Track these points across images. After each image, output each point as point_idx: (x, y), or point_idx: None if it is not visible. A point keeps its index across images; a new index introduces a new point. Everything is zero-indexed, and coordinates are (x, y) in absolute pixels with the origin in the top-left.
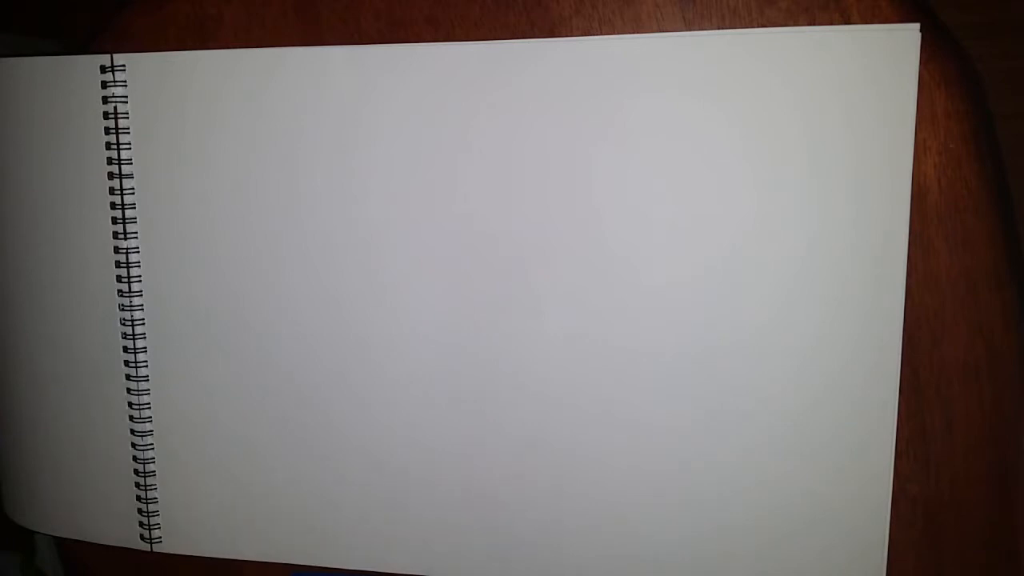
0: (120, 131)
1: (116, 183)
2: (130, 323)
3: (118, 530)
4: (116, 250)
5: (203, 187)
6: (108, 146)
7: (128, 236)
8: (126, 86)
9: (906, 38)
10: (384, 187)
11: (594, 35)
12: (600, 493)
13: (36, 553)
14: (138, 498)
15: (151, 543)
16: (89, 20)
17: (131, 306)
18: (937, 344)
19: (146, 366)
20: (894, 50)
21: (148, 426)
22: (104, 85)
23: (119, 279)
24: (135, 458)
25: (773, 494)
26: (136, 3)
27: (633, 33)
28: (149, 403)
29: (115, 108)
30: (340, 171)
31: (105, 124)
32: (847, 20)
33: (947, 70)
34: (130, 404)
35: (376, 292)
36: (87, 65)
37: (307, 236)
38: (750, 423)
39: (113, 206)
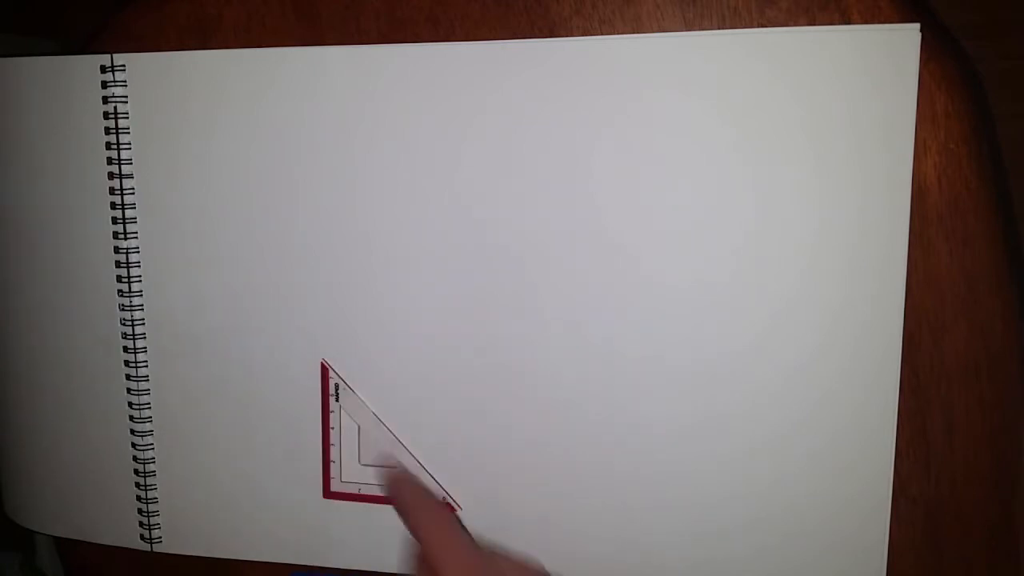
0: (120, 131)
1: (116, 183)
2: (130, 323)
3: (118, 530)
4: (116, 250)
5: (203, 187)
6: (108, 146)
7: (128, 236)
8: (126, 86)
9: (906, 38)
10: (384, 187)
11: (594, 35)
12: (600, 494)
13: (36, 553)
14: (138, 498)
15: (151, 543)
16: (89, 20)
17: (131, 306)
18: (937, 344)
19: (146, 366)
20: (894, 50)
21: (148, 426)
22: (104, 85)
23: (119, 279)
24: (135, 458)
25: (773, 494)
26: (136, 3)
27: (633, 33)
28: (149, 403)
29: (115, 108)
30: (340, 171)
31: (105, 124)
32: (847, 20)
33: (947, 70)
34: (130, 404)
35: (376, 292)
36: (87, 65)
37: (307, 236)
38: (750, 424)
39: (113, 206)
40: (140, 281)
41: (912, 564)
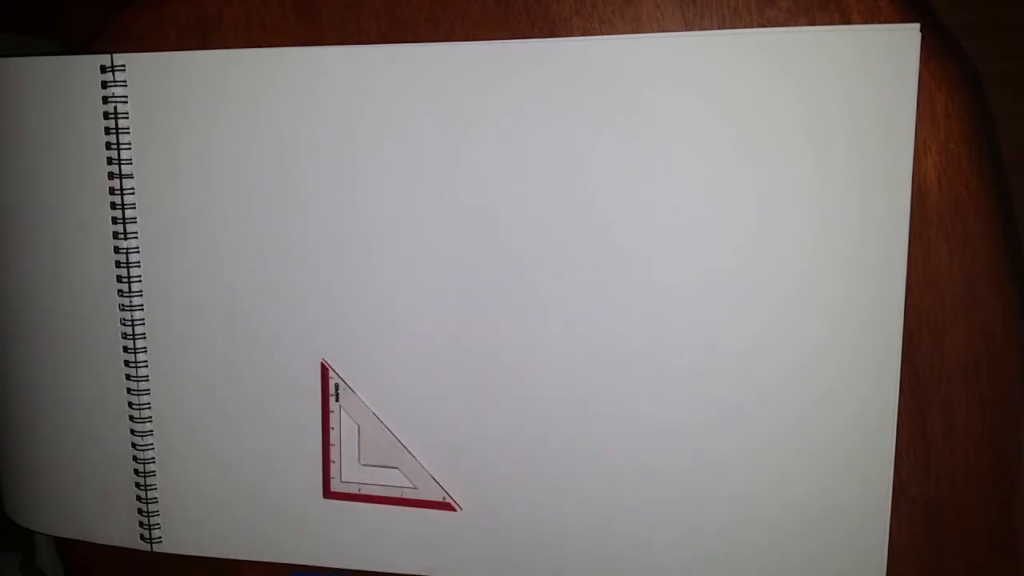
0: (120, 131)
1: (116, 183)
2: (130, 323)
3: (118, 530)
4: (116, 250)
5: (203, 187)
6: (108, 146)
7: (128, 236)
8: (126, 86)
9: (906, 38)
10: (384, 187)
11: (594, 35)
12: (600, 493)
13: (36, 553)
14: (138, 498)
15: (151, 543)
16: (89, 20)
17: (131, 306)
18: (937, 344)
19: (146, 366)
20: (894, 50)
21: (148, 426)
22: (104, 85)
23: (119, 279)
24: (135, 458)
25: (774, 494)
26: (136, 3)
27: (633, 33)
28: (149, 403)
29: (115, 108)
30: (340, 171)
31: (105, 124)
32: (847, 20)
33: (947, 70)
34: (130, 404)
35: (376, 292)
36: (87, 65)
37: (307, 235)
38: (750, 424)
39: (113, 206)
40: (140, 281)
41: (912, 564)
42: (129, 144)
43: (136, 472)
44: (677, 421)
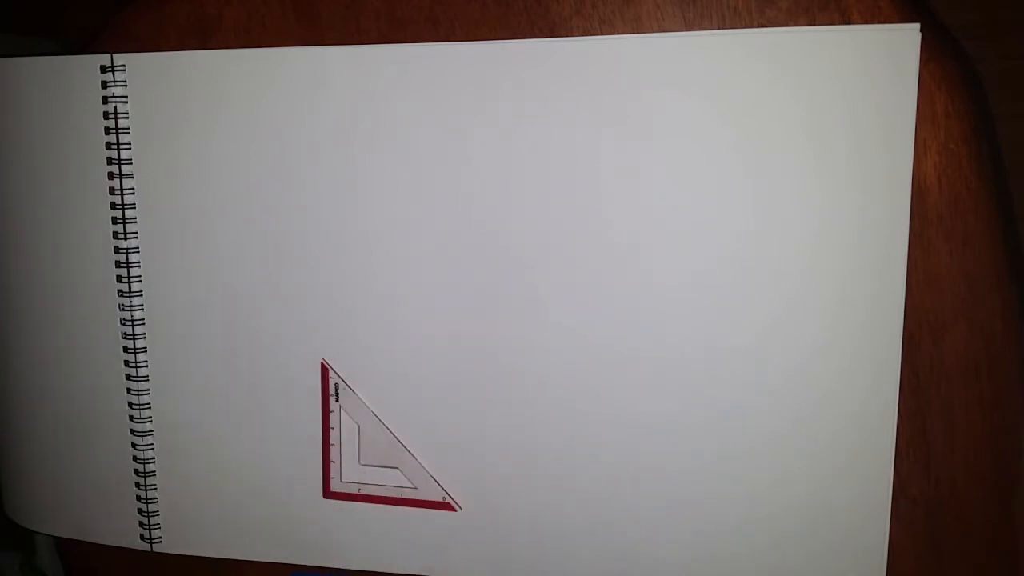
0: (120, 131)
1: (116, 183)
2: (130, 323)
3: (118, 530)
4: (116, 250)
5: (203, 187)
6: (108, 146)
7: (128, 236)
8: (126, 86)
9: (906, 38)
10: (384, 187)
11: (594, 35)
12: (600, 493)
13: (36, 553)
14: (138, 498)
15: (151, 543)
16: (89, 20)
17: (131, 306)
18: (937, 344)
19: (146, 366)
20: (894, 50)
21: (148, 426)
22: (104, 85)
23: (119, 279)
24: (135, 458)
25: (774, 494)
26: (136, 3)
27: (633, 33)
28: (149, 403)
29: (115, 108)
30: (340, 171)
31: (105, 124)
32: (847, 20)
33: (947, 70)
34: (130, 404)
35: (376, 292)
36: (87, 65)
37: (308, 236)
38: (750, 424)
39: (113, 206)
40: (140, 281)
41: (912, 564)
42: (129, 144)
43: (136, 472)
44: (677, 421)
